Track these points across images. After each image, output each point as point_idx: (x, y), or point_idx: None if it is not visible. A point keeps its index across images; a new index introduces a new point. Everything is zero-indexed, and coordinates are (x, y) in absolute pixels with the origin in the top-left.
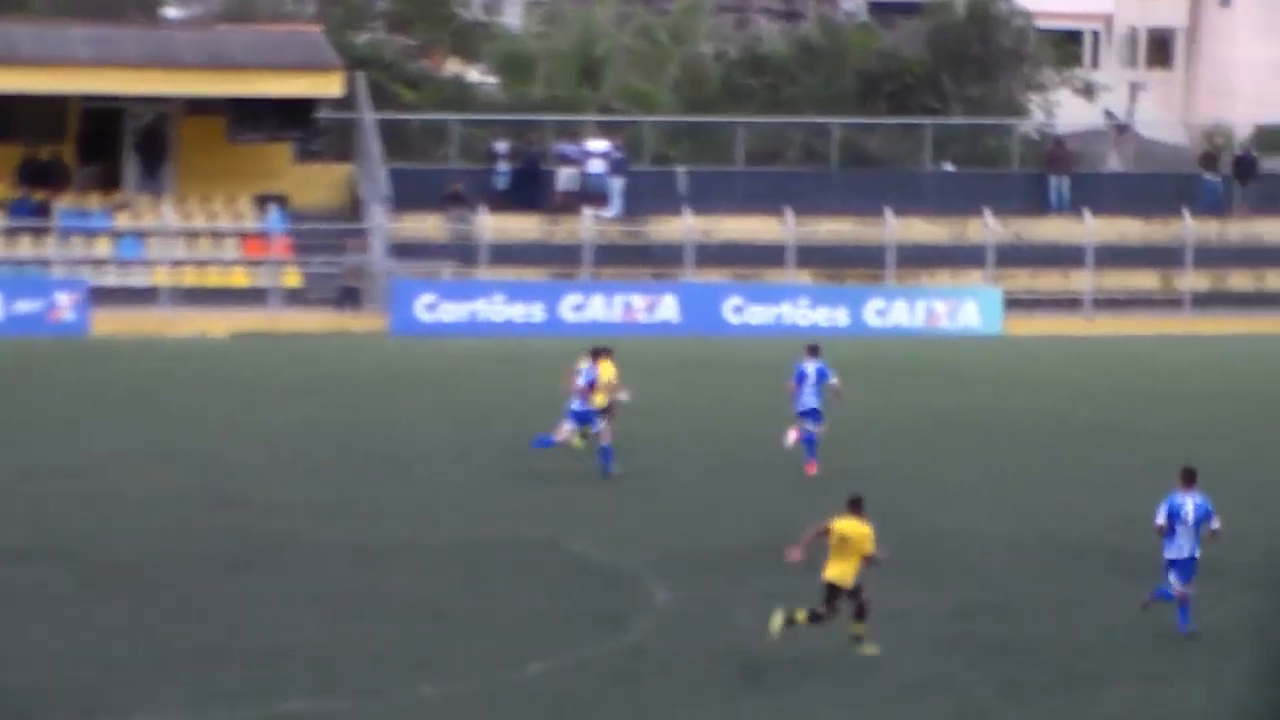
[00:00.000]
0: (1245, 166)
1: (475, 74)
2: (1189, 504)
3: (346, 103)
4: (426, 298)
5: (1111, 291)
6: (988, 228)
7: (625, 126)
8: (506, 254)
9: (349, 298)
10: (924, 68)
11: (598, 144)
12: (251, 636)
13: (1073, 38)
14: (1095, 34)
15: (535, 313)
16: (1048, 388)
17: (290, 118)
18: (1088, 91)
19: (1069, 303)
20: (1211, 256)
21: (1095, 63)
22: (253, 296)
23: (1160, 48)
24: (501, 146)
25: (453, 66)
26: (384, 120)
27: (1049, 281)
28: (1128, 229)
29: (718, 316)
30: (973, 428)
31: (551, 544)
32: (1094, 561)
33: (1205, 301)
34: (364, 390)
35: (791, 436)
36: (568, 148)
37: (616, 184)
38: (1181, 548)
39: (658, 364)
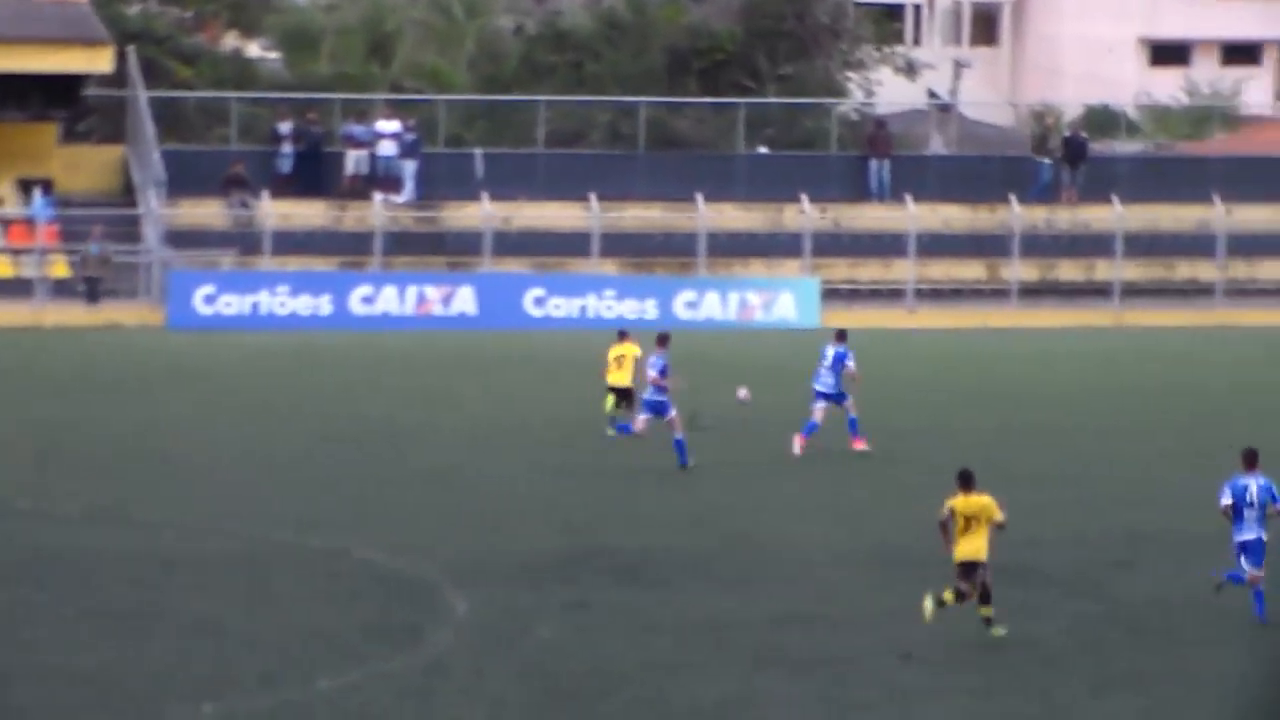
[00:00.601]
0: (1075, 149)
1: (256, 49)
2: (1253, 486)
3: (117, 79)
4: (205, 289)
5: (935, 282)
6: (804, 215)
7: (418, 106)
8: (291, 242)
9: (93, 289)
10: (736, 44)
11: (388, 125)
12: (21, 654)
13: (893, 13)
14: (917, 9)
15: (322, 305)
16: (867, 384)
17: (55, 95)
18: (909, 70)
19: (890, 294)
20: (1039, 245)
21: (917, 40)
22: (16, 288)
23: (985, 24)
24: (285, 127)
25: (231, 41)
26: (157, 99)
27: (869, 271)
28: (952, 216)
29: (518, 309)
30: (786, 427)
31: (341, 552)
32: (919, 568)
33: (1033, 292)
34: (139, 389)
35: (797, 445)
36: (356, 129)
37: (409, 167)
38: (1250, 530)
39: (454, 359)
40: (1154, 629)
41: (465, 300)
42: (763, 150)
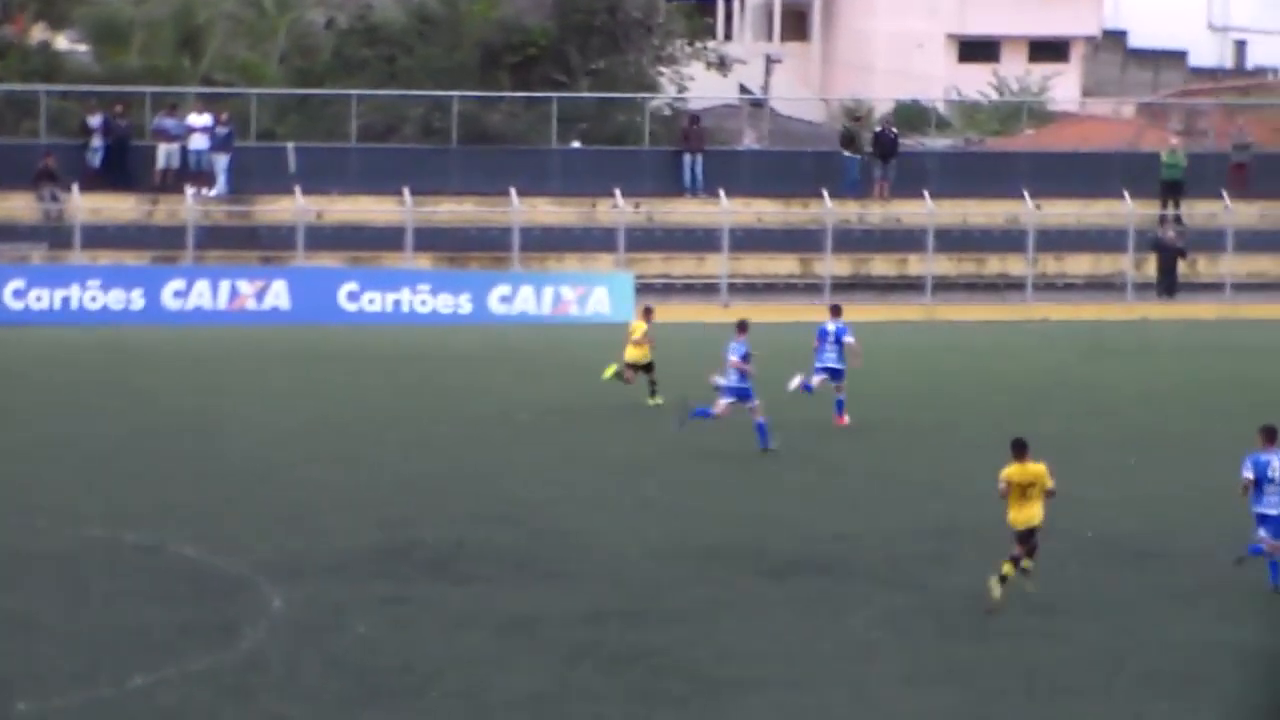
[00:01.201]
0: (885, 145)
1: (65, 42)
2: (1275, 461)
3: None
4: (14, 283)
5: (748, 276)
6: (618, 210)
7: (230, 100)
8: (102, 236)
9: None
10: (548, 39)
11: (200, 119)
12: None
13: (705, 8)
14: (729, 5)
15: (134, 300)
16: (680, 379)
17: None
18: (722, 65)
19: (704, 288)
20: (852, 240)
21: (729, 35)
22: None
23: (797, 20)
24: (95, 120)
25: (40, 34)
26: None
27: (683, 266)
28: (765, 211)
29: (332, 304)
30: (597, 422)
31: (156, 547)
32: (733, 563)
33: (845, 287)
34: None
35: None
36: (167, 122)
37: (221, 161)
38: (1271, 504)
39: (267, 354)
40: (966, 621)
41: (279, 295)
42: (576, 145)
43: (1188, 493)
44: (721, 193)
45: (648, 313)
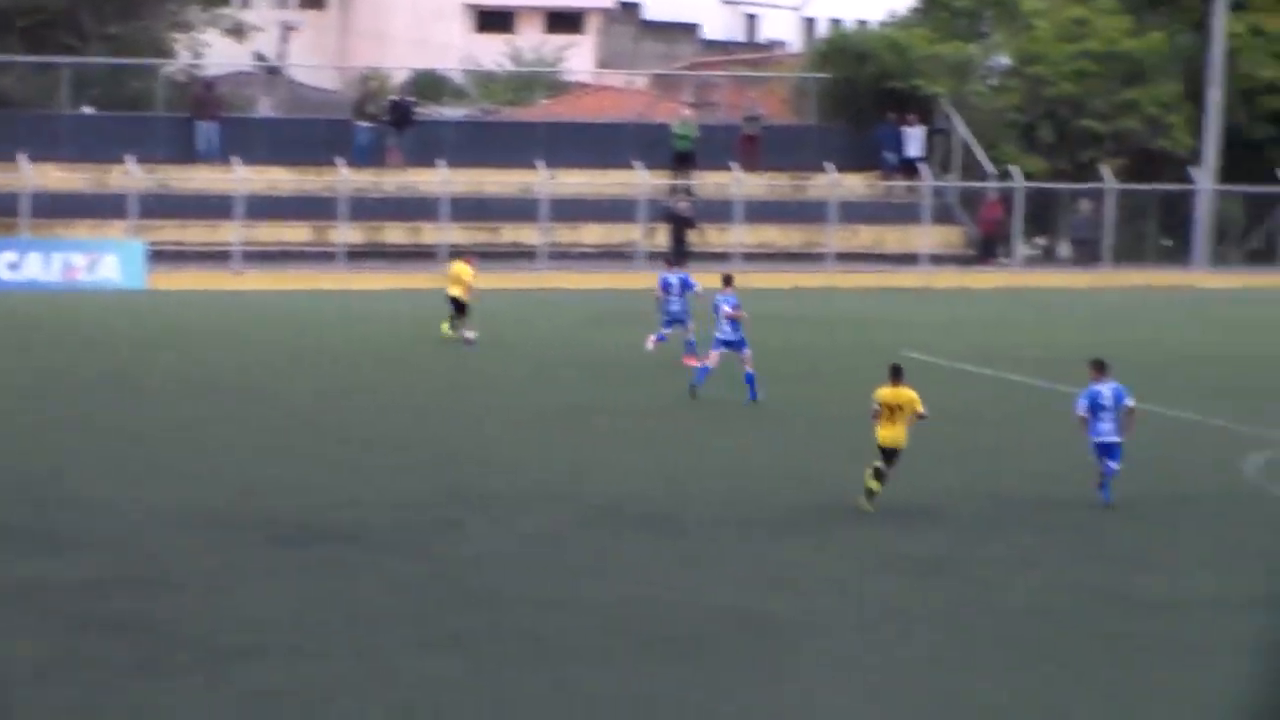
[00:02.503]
0: (401, 113)
1: None
2: (1106, 390)
3: None
4: None
5: (263, 244)
6: (130, 176)
7: None
8: None
9: None
10: (61, 4)
11: None
12: None
13: None
14: None
15: None
16: (193, 347)
17: None
18: (238, 32)
19: (218, 256)
20: (366, 208)
21: (245, 2)
22: None
23: None
24: None
25: None
26: None
27: (197, 233)
28: (279, 178)
29: None
30: (111, 388)
31: None
32: (243, 531)
33: (360, 255)
34: None
35: (650, 342)
36: None
37: None
38: (1108, 430)
39: None
40: (476, 588)
41: None
42: (88, 110)
43: (695, 459)
44: (236, 160)
45: (465, 258)
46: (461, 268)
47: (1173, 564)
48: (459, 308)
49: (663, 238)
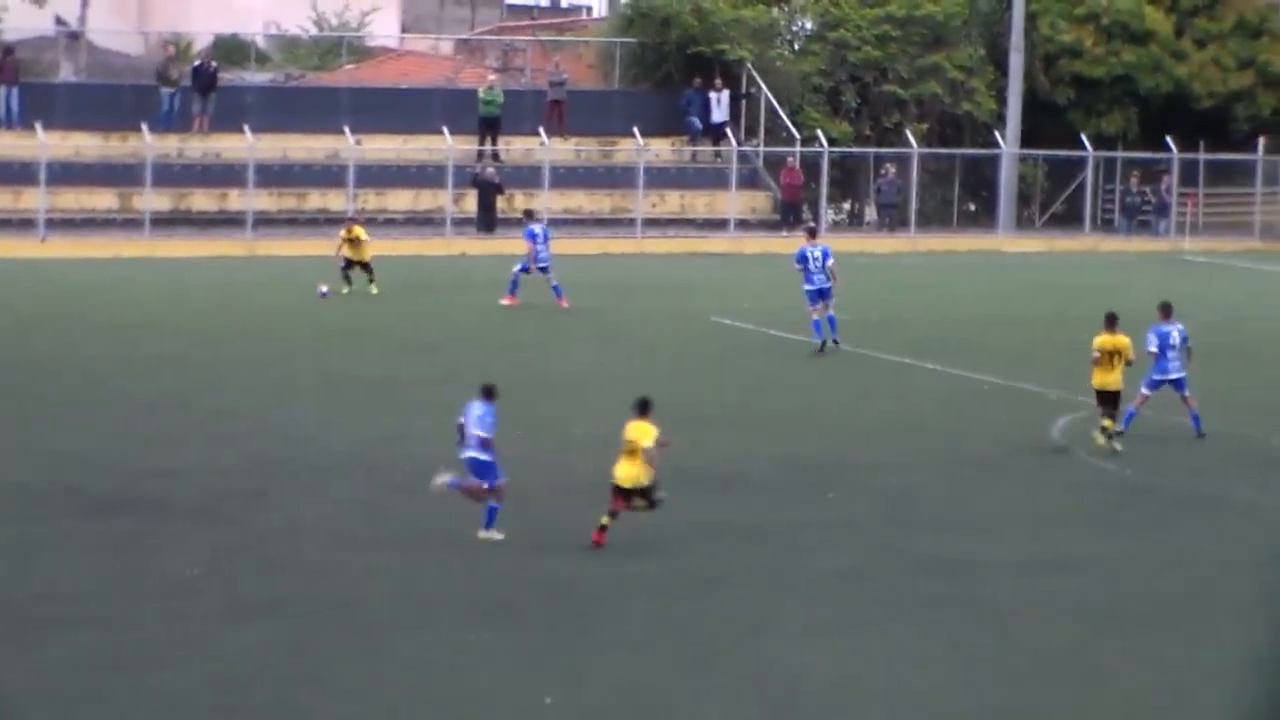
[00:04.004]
0: (205, 78)
1: None
2: (1174, 332)
3: None
4: None
5: (67, 211)
6: None
7: None
8: None
9: None
10: None
11: None
12: None
13: None
14: None
15: None
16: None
17: None
18: None
19: (21, 223)
20: (172, 175)
21: None
22: None
23: None
24: None
25: None
26: None
27: None
28: (83, 144)
29: None
30: None
31: None
32: (51, 502)
33: (165, 222)
34: None
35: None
36: None
37: None
38: (1174, 368)
39: None
40: (286, 557)
41: None
42: None
43: (502, 427)
44: (38, 125)
45: (353, 221)
46: (358, 230)
47: (982, 526)
48: (365, 267)
49: (471, 204)
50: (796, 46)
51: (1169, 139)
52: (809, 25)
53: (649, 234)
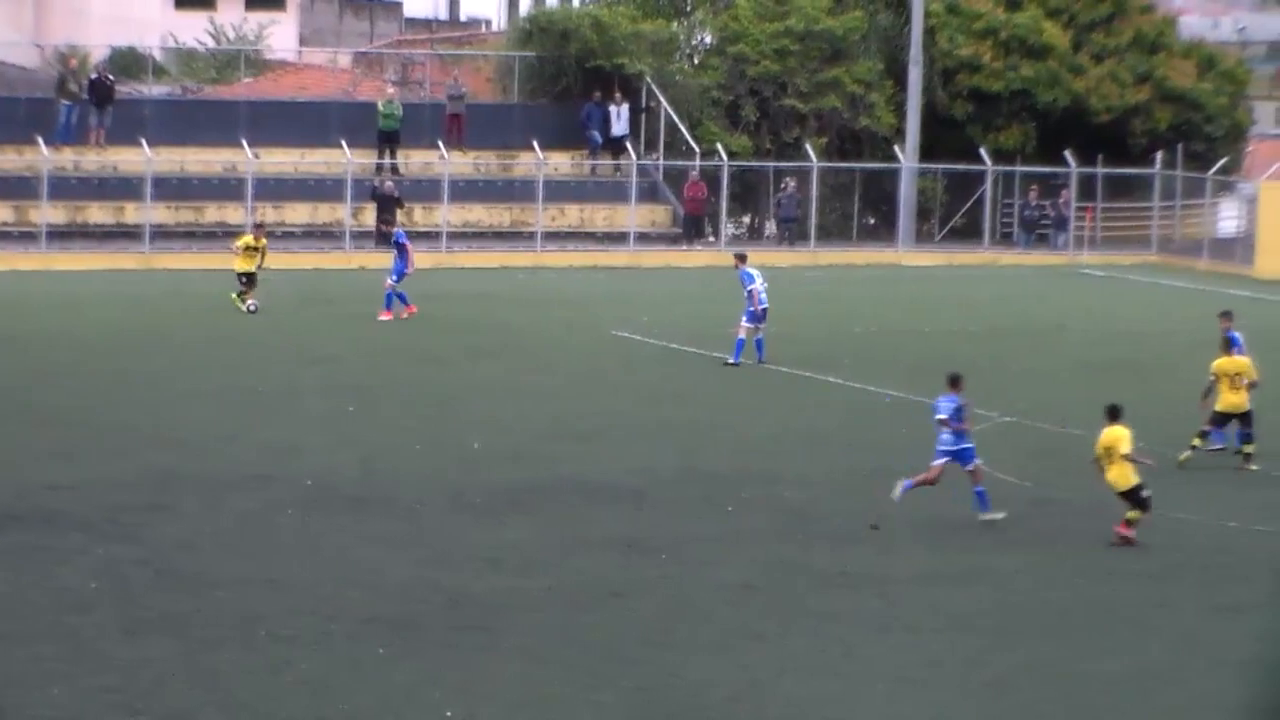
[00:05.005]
0: (101, 92)
1: None
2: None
3: None
4: None
5: None
6: None
7: None
8: None
9: None
10: None
11: None
12: None
13: None
14: None
15: None
16: None
17: None
18: None
19: None
20: (68, 188)
21: None
22: None
23: None
24: None
25: None
26: None
27: None
28: None
29: None
30: None
31: None
32: None
33: (62, 235)
34: None
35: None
36: None
37: None
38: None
39: None
40: (183, 571)
41: None
42: None
43: (406, 440)
44: None
45: (259, 228)
46: (264, 241)
47: (879, 540)
48: (250, 279)
49: (369, 217)
50: (696, 60)
51: (1067, 153)
52: (708, 39)
53: (548, 247)
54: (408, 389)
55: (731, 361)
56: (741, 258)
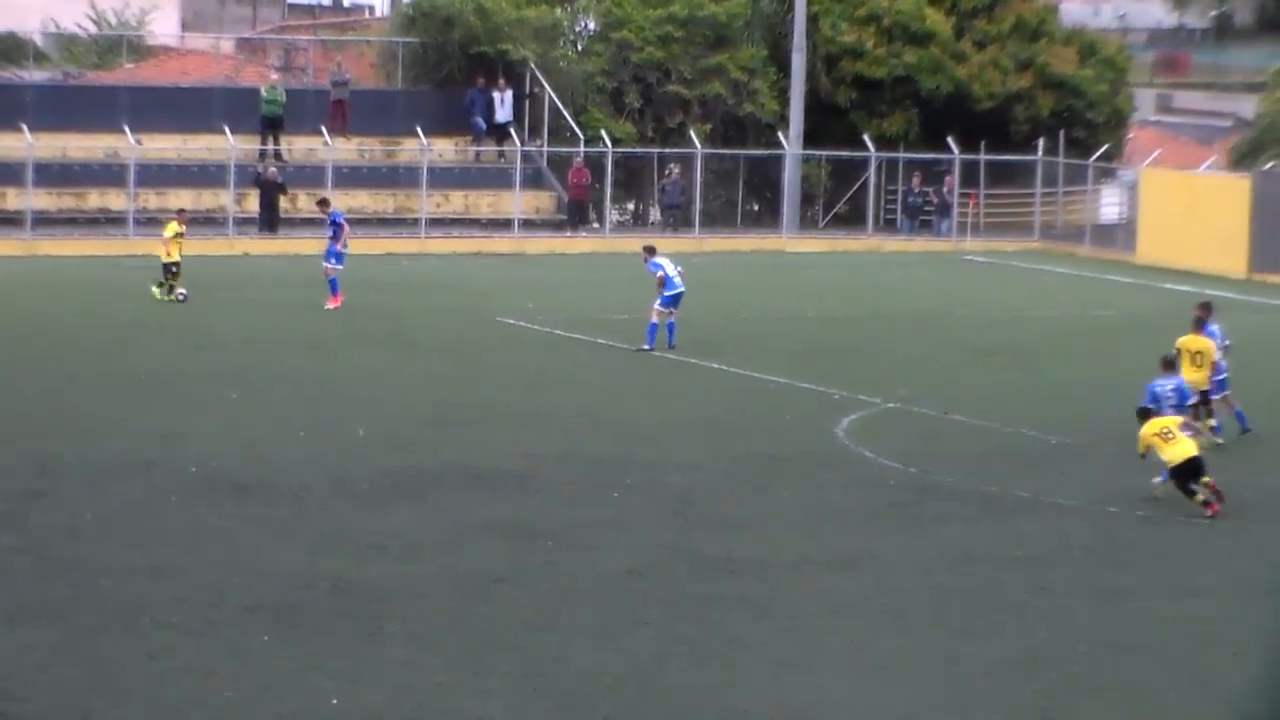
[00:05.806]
0: None
1: None
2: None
3: None
4: None
5: None
6: None
7: None
8: None
9: None
10: None
11: None
12: None
13: None
14: None
15: None
16: None
17: None
18: None
19: None
20: None
21: None
22: None
23: None
24: None
25: None
26: None
27: None
28: None
29: None
30: None
31: None
32: None
33: None
34: None
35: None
36: None
37: None
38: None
39: None
40: (65, 558)
41: None
42: None
43: (286, 427)
44: None
45: (181, 213)
46: (183, 228)
47: (763, 525)
48: (174, 269)
49: (253, 203)
50: (580, 47)
51: (950, 140)
52: (592, 25)
53: (433, 234)
54: (292, 375)
55: (645, 347)
56: (650, 250)
